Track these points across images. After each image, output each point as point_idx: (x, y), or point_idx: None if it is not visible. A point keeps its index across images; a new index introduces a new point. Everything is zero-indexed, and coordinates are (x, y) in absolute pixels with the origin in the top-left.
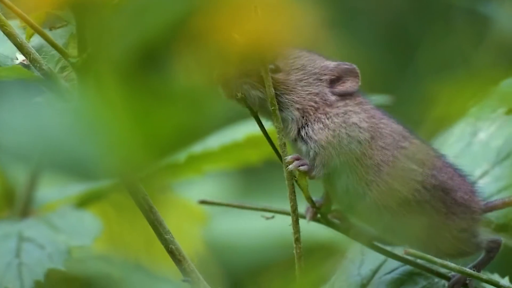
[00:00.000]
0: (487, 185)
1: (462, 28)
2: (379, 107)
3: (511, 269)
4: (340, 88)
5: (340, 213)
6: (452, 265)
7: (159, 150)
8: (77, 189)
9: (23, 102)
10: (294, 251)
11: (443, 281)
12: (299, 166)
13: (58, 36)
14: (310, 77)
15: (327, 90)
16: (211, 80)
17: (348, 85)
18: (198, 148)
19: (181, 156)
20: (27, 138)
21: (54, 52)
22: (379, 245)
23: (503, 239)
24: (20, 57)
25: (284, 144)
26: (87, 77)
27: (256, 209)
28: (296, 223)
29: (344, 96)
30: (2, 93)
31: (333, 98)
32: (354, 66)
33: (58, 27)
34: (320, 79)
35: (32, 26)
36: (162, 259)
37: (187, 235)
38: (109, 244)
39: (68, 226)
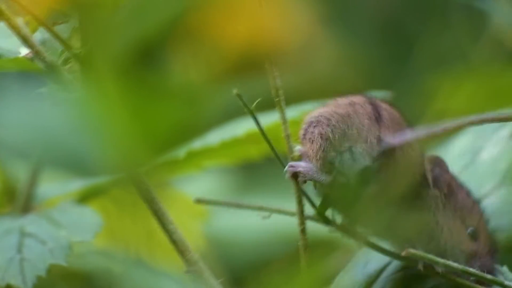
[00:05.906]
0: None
1: (459, 23)
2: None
3: None
4: None
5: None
6: (455, 265)
7: (158, 146)
8: (77, 184)
9: (24, 95)
10: (300, 243)
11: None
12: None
13: (60, 32)
14: None
15: None
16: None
17: None
18: (198, 143)
19: (181, 152)
20: (27, 134)
21: (57, 45)
22: (378, 244)
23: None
24: (24, 51)
25: (289, 135)
26: (89, 68)
27: (254, 207)
28: (301, 215)
29: None
30: (4, 87)
31: None
32: None
33: (61, 23)
34: None
35: (36, 19)
36: (162, 254)
37: (188, 231)
38: (109, 239)
39: (69, 222)
